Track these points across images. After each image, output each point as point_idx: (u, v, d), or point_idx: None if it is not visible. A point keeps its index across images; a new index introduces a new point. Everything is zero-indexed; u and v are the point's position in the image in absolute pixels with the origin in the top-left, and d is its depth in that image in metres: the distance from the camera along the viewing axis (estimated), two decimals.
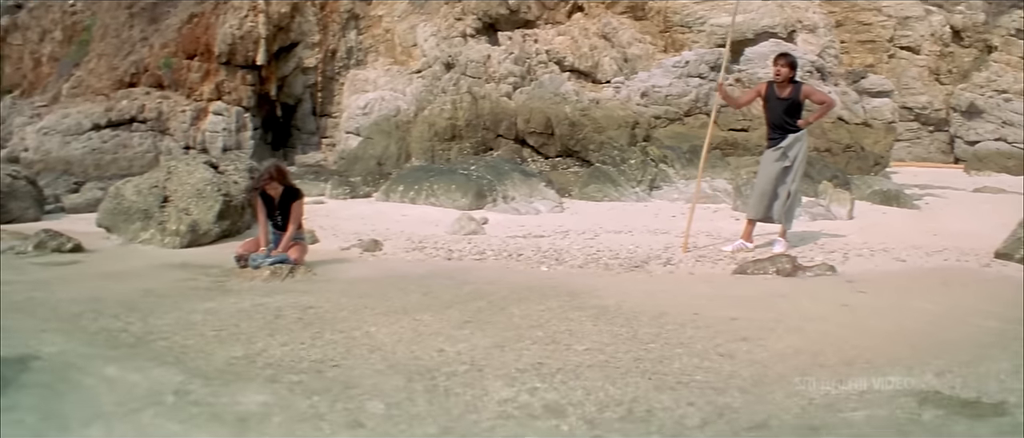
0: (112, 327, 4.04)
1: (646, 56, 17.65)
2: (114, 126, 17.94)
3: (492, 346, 3.70)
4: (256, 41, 18.37)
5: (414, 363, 3.42)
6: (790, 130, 7.15)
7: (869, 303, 4.86)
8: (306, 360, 3.46)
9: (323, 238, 8.01)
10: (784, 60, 7.23)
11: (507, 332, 3.98)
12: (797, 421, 2.76)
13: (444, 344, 3.73)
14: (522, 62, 17.19)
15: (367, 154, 16.13)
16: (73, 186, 13.90)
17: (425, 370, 3.30)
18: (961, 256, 7.04)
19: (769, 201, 7.26)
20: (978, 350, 3.64)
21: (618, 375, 3.26)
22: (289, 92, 19.52)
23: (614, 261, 6.79)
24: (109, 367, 3.27)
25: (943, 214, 10.84)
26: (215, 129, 18.17)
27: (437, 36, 18.30)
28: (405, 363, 3.42)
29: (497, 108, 15.84)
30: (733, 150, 15.15)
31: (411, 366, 3.36)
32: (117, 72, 18.96)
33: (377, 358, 3.50)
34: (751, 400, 2.98)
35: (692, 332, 4.00)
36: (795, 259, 6.57)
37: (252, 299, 4.87)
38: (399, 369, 3.32)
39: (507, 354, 3.57)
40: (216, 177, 8.38)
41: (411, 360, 3.47)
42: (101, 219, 8.19)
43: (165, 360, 3.43)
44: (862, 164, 16.12)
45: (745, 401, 2.97)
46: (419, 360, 3.47)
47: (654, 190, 12.27)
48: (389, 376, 3.22)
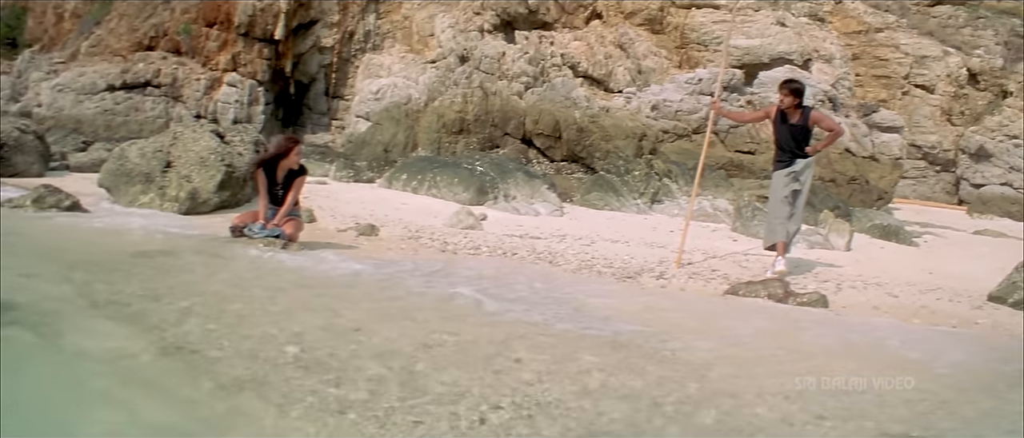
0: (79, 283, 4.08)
1: (660, 70, 17.67)
2: (128, 88, 17.98)
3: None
4: (276, 15, 18.40)
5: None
6: (799, 155, 7.15)
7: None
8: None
9: (321, 218, 8.05)
10: (787, 88, 7.21)
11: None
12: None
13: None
14: (536, 63, 17.22)
15: (375, 139, 16.16)
16: (81, 145, 13.93)
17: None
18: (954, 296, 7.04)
19: (784, 222, 7.27)
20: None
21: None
22: (304, 70, 19.56)
23: (607, 269, 6.82)
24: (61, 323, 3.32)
25: (941, 253, 10.83)
26: (227, 100, 18.21)
27: (454, 28, 18.33)
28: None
29: (507, 106, 15.87)
30: (738, 172, 15.15)
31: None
32: (136, 34, 19.00)
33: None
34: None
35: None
36: (788, 285, 6.59)
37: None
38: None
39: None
40: (221, 147, 8.40)
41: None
42: (102, 179, 8.22)
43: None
44: (865, 197, 16.12)
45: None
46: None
47: (655, 204, 12.28)
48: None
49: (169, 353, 3.12)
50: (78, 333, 3.23)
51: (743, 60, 17.23)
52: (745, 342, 4.37)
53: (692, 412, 3.03)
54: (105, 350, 3.09)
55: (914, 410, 3.27)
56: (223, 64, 18.51)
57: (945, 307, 6.66)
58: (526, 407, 2.91)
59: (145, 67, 18.23)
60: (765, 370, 3.73)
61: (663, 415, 2.97)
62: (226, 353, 3.19)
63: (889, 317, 5.77)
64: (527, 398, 3.00)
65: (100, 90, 17.73)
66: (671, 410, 3.03)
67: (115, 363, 2.96)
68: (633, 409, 3.00)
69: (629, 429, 2.82)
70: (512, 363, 3.45)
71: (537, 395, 3.05)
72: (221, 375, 2.92)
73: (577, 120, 15.29)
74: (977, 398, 3.55)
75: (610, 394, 3.16)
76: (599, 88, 17.50)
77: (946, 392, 3.57)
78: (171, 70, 18.32)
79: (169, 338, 3.29)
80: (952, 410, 3.32)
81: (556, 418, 2.83)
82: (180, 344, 3.23)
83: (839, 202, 13.07)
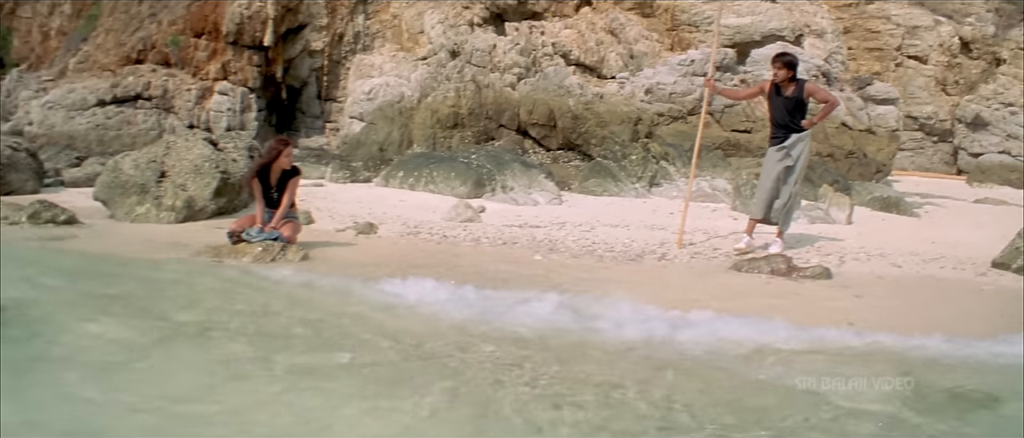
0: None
1: (652, 53, 17.59)
2: (119, 102, 17.89)
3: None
4: (264, 21, 18.30)
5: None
6: (794, 129, 7.09)
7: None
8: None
9: (319, 219, 8.01)
10: (781, 61, 7.17)
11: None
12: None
13: None
14: (528, 53, 17.15)
15: (370, 139, 16.09)
16: (75, 161, 13.87)
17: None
18: (958, 264, 7.02)
19: (771, 200, 7.22)
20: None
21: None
22: (295, 75, 19.47)
23: (608, 254, 6.79)
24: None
25: (942, 223, 10.80)
26: (220, 109, 18.12)
27: (444, 24, 18.25)
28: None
29: (501, 98, 15.80)
30: (735, 151, 15.09)
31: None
32: (124, 48, 18.90)
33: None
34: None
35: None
36: (790, 260, 6.56)
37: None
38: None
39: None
40: (215, 154, 8.37)
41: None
42: (98, 193, 8.18)
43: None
44: (864, 171, 16.06)
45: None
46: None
47: (654, 187, 12.23)
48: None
49: None
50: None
51: (735, 39, 17.13)
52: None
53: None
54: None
55: None
56: (213, 73, 18.43)
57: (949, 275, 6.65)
58: None
59: (135, 80, 18.14)
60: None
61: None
62: None
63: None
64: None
65: (91, 105, 17.65)
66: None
67: None
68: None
69: None
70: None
71: None
72: None
73: (571, 108, 15.22)
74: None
75: None
76: (592, 75, 17.42)
77: None
78: (161, 82, 18.22)
79: None
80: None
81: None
82: None
83: (838, 176, 13.01)
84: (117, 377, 3.13)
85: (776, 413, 3.10)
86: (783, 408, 3.13)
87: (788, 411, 3.11)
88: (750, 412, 3.09)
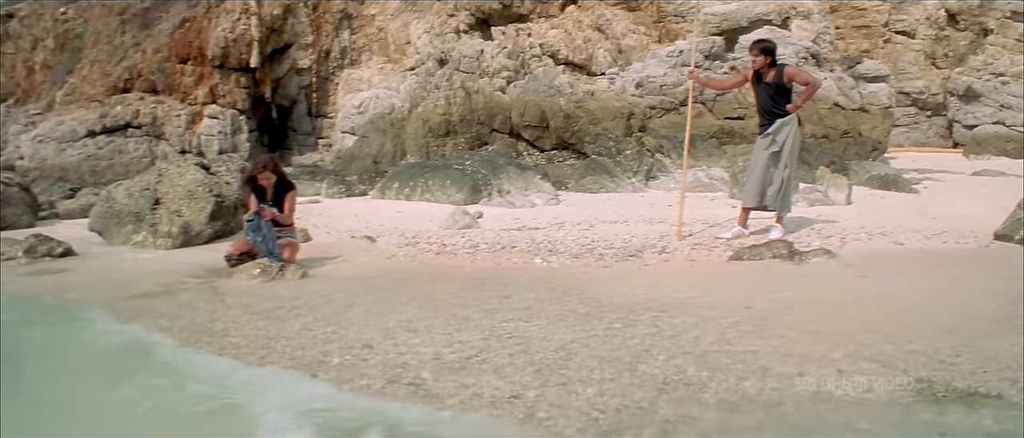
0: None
1: (640, 47, 17.56)
2: (109, 132, 17.86)
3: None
4: (249, 44, 18.28)
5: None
6: (779, 114, 7.09)
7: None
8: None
9: (316, 236, 7.96)
10: (757, 48, 7.20)
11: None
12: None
13: None
14: (516, 56, 17.10)
15: (363, 153, 16.05)
16: (68, 192, 13.82)
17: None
18: (960, 238, 6.98)
19: (762, 187, 7.20)
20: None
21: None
22: (284, 94, 19.44)
23: (608, 251, 6.74)
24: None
25: (942, 197, 10.76)
26: (210, 132, 18.08)
27: (430, 33, 18.22)
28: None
29: (491, 102, 15.76)
30: (729, 138, 15.05)
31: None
32: (110, 78, 18.87)
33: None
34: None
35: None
36: (792, 244, 6.52)
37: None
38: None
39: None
40: (208, 178, 8.33)
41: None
42: (93, 223, 8.14)
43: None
44: (860, 150, 16.02)
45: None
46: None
47: (650, 180, 12.20)
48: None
49: None
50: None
51: (722, 26, 17.10)
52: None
53: None
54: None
55: None
56: (202, 98, 18.39)
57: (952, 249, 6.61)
58: None
59: (123, 109, 18.11)
60: None
61: None
62: None
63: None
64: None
65: (81, 136, 17.63)
66: None
67: None
68: None
69: None
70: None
71: None
72: None
73: (563, 107, 15.18)
74: None
75: None
76: (581, 73, 17.37)
77: None
78: (150, 109, 18.19)
79: None
80: None
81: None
82: None
83: (834, 157, 12.97)
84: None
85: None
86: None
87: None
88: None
